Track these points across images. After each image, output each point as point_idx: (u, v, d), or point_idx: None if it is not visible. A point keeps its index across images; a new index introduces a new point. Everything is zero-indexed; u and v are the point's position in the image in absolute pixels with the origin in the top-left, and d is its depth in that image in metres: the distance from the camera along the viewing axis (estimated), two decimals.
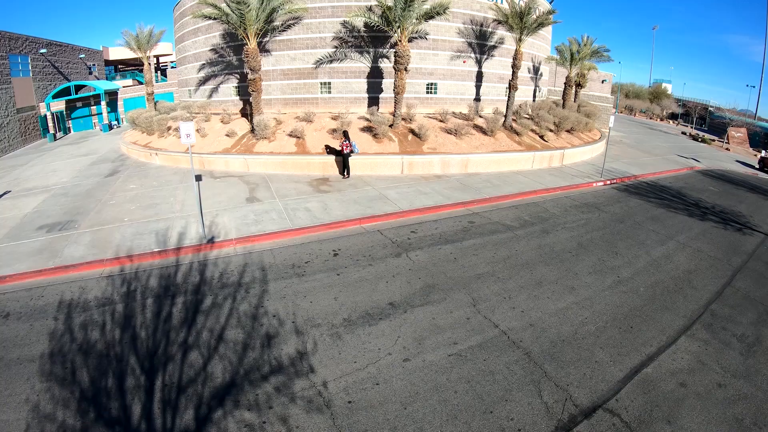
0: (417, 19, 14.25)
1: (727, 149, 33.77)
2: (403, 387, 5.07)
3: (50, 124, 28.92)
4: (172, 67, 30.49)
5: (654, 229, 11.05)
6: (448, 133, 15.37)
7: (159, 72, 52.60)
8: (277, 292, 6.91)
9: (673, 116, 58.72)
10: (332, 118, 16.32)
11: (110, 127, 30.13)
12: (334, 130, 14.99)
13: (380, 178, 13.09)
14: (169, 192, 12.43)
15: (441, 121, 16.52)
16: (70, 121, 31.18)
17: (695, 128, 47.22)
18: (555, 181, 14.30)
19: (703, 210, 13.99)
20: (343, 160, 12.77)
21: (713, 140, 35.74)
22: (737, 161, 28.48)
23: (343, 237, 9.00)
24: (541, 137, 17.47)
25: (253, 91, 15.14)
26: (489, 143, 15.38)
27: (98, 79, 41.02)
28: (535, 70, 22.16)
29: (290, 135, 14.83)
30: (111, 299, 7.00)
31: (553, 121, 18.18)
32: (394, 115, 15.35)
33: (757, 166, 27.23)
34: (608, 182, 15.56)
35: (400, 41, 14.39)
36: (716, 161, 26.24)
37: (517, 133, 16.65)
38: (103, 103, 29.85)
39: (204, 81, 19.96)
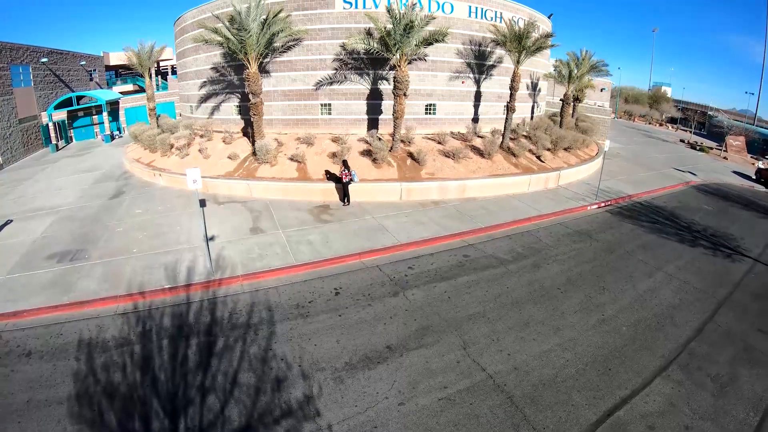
0: (417, 45, 14.94)
1: (725, 158, 34.54)
2: (398, 430, 5.80)
3: (52, 135, 29.66)
4: (174, 78, 31.07)
5: (643, 258, 11.77)
6: (446, 156, 16.09)
7: (160, 76, 53.48)
8: (284, 335, 7.63)
9: (672, 120, 59.62)
10: (332, 140, 17.05)
11: (112, 138, 30.86)
12: (334, 154, 15.71)
13: (379, 205, 13.82)
14: (175, 219, 13.16)
15: (439, 143, 17.24)
16: (72, 131, 32.02)
17: (694, 132, 48.25)
18: (550, 205, 15.03)
19: (695, 234, 14.71)
20: (343, 188, 13.50)
21: (711, 148, 36.53)
22: (734, 172, 29.24)
23: (344, 273, 9.73)
24: (538, 158, 18.18)
25: (254, 114, 15.85)
26: (486, 166, 16.10)
27: (99, 85, 41.85)
28: (533, 86, 22.86)
29: (291, 159, 15.56)
30: (128, 339, 7.73)
31: (550, 141, 18.89)
32: (393, 139, 16.08)
33: (754, 177, 28.00)
34: (602, 204, 16.28)
35: (400, 67, 15.08)
36: (713, 173, 26.95)
37: (514, 155, 17.37)
38: (104, 113, 30.56)
39: (205, 98, 20.66)
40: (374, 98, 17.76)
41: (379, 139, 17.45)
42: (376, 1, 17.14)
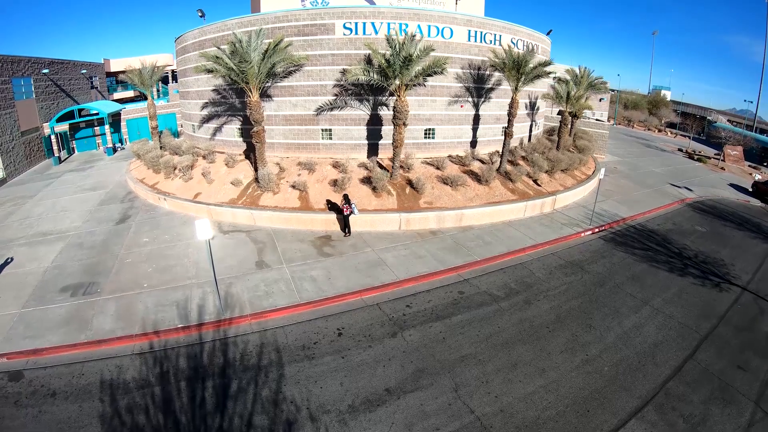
0: (416, 76, 15.82)
1: (722, 168, 35.62)
2: None
3: (55, 147, 30.59)
4: (175, 93, 31.92)
5: (632, 292, 12.71)
6: (444, 183, 17.03)
7: (160, 81, 54.47)
8: (292, 377, 8.58)
9: (671, 125, 60.88)
10: (333, 166, 17.97)
11: (114, 150, 31.81)
12: (335, 182, 16.64)
13: (379, 236, 14.78)
14: (182, 250, 14.09)
15: (437, 168, 18.17)
16: (74, 142, 33.09)
17: (693, 138, 49.81)
18: (544, 233, 15.98)
19: (686, 261, 15.66)
20: (344, 219, 14.43)
21: (709, 158, 37.66)
22: (731, 185, 30.31)
23: (346, 312, 10.68)
24: (535, 181, 19.12)
25: (257, 142, 16.76)
26: (483, 193, 17.04)
27: (100, 92, 42.83)
28: (532, 106, 23.78)
29: (293, 187, 16.49)
30: (148, 381, 8.67)
31: (546, 164, 19.82)
32: (392, 166, 17.02)
33: (750, 190, 28.95)
34: (596, 230, 17.22)
35: (399, 96, 15.99)
36: (709, 188, 27.96)
37: (511, 180, 18.31)
38: (106, 126, 31.43)
39: (207, 119, 21.55)
40: (374, 124, 18.69)
41: (379, 164, 18.40)
42: (376, 27, 18.04)
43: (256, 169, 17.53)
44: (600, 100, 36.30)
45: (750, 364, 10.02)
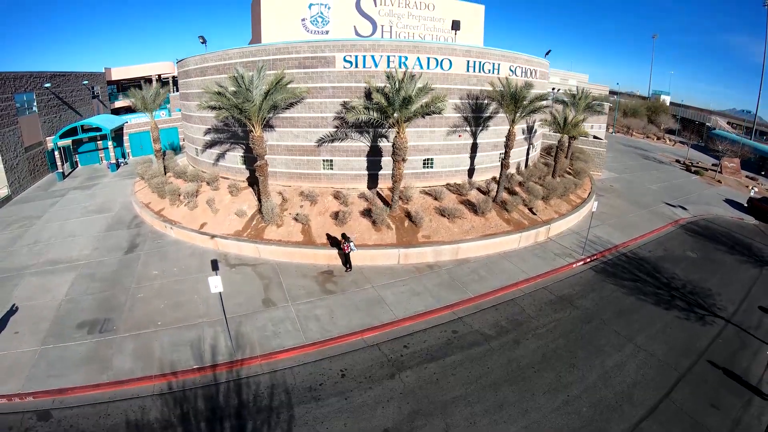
0: (414, 115, 17.07)
1: (719, 181, 37.15)
2: None
3: (58, 161, 31.90)
4: (177, 111, 33.14)
5: (617, 329, 14.00)
6: (442, 215, 18.34)
7: (160, 84, 56.00)
8: (301, 417, 9.93)
9: (670, 131, 62.71)
10: (334, 197, 19.28)
11: (117, 166, 33.22)
12: (336, 214, 17.96)
13: (379, 271, 16.13)
14: (192, 285, 15.40)
15: (435, 198, 19.48)
16: (77, 156, 34.58)
17: (692, 146, 52.01)
18: (537, 265, 17.30)
19: (673, 292, 16.94)
20: (345, 255, 15.74)
21: (706, 170, 39.20)
22: (727, 200, 31.68)
23: (349, 353, 12.03)
24: (531, 210, 20.43)
25: (260, 176, 18.03)
26: (479, 225, 18.35)
27: (102, 102, 44.17)
28: (529, 130, 25.06)
29: (296, 220, 17.81)
30: (171, 422, 10.00)
31: (542, 192, 21.14)
32: (392, 200, 18.34)
33: (746, 205, 30.23)
34: (588, 260, 18.53)
35: (399, 134, 17.25)
36: (704, 206, 29.29)
37: (507, 210, 19.62)
38: (109, 143, 32.70)
39: (210, 145, 22.81)
40: (374, 155, 19.97)
41: (379, 194, 19.70)
42: (376, 60, 19.28)
43: (259, 200, 18.83)
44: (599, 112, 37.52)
45: (723, 402, 11.26)
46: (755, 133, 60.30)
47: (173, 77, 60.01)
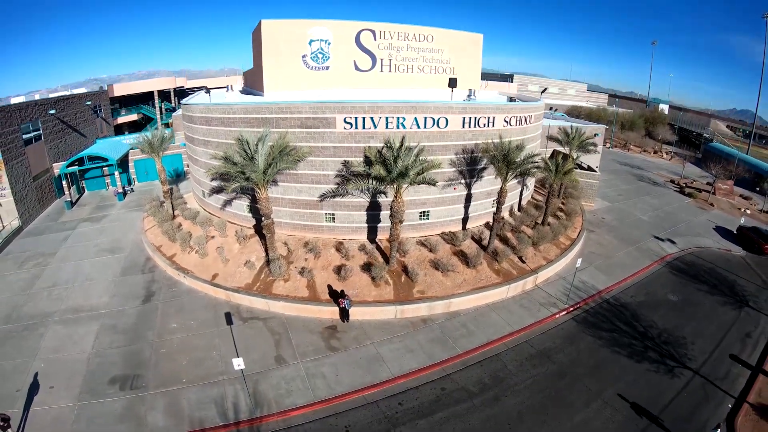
0: (411, 183, 19.79)
1: (711, 204, 40.23)
2: None
3: (66, 189, 34.86)
4: (182, 145, 35.77)
5: (589, 384, 16.86)
6: (436, 268, 21.25)
7: (163, 104, 59.30)
8: None
9: (667, 143, 66.39)
10: (336, 249, 22.18)
11: (124, 195, 36.21)
12: (339, 269, 20.90)
13: (378, 325, 19.16)
14: (209, 341, 18.30)
15: (431, 250, 22.39)
16: (83, 182, 37.57)
17: (687, 158, 56.34)
18: (522, 318, 20.23)
19: (647, 342, 19.72)
20: (342, 309, 18.76)
21: (700, 191, 42.13)
22: (717, 228, 34.65)
23: (351, 410, 15.00)
24: (520, 258, 23.32)
25: (267, 233, 20.88)
26: (471, 278, 21.23)
27: (104, 119, 46.94)
28: (522, 173, 27.72)
29: (301, 274, 20.74)
30: None
31: (532, 240, 23.99)
32: (390, 255, 21.21)
33: (735, 232, 33.11)
34: (571, 309, 21.42)
35: (396, 198, 20.02)
36: (693, 237, 32.24)
37: (498, 260, 22.47)
38: (116, 172, 35.51)
39: (217, 190, 25.62)
40: (373, 209, 22.82)
41: (378, 246, 22.59)
42: (375, 121, 22.02)
43: (266, 252, 21.73)
44: (595, 134, 40.11)
45: None
46: (755, 136, 63.39)
47: (174, 89, 62.95)
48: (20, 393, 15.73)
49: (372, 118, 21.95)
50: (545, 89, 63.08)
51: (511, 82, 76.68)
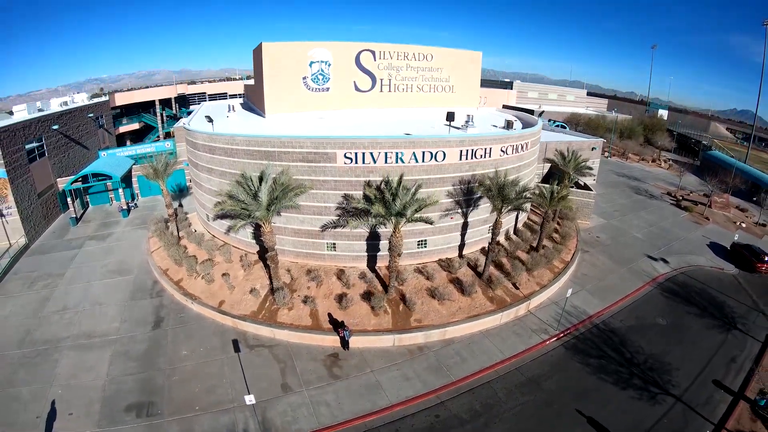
0: (408, 221, 21.58)
1: (707, 218, 42.06)
2: None
3: (70, 204, 36.74)
4: (186, 165, 37.51)
5: (573, 411, 18.64)
6: (432, 297, 23.12)
7: (163, 111, 61.34)
8: None
9: (666, 149, 69.03)
10: (338, 277, 24.05)
11: (128, 211, 38.12)
12: (340, 298, 22.77)
13: (377, 353, 21.07)
14: (218, 368, 20.17)
15: (428, 278, 24.25)
16: (87, 196, 39.63)
17: (685, 166, 59.10)
18: (513, 345, 22.09)
19: (633, 369, 21.43)
20: (342, 338, 20.67)
21: (696, 204, 44.06)
22: (711, 244, 36.32)
23: None
24: (514, 284, 25.17)
25: (271, 264, 22.70)
26: (465, 305, 23.10)
27: (106, 130, 48.74)
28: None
29: (304, 302, 22.61)
30: None
31: (528, 262, 25.80)
32: (388, 284, 23.14)
33: (729, 248, 34.96)
34: (561, 335, 23.26)
35: (394, 233, 21.82)
36: (687, 255, 33.92)
37: (492, 287, 24.32)
38: (120, 190, 37.24)
39: (221, 216, 27.38)
40: (373, 239, 24.67)
41: (377, 274, 24.45)
42: (374, 156, 23.80)
43: (271, 280, 23.59)
44: (592, 149, 41.82)
45: None
46: (754, 139, 65.32)
47: (175, 97, 64.82)
48: (40, 419, 17.51)
49: (372, 153, 23.70)
50: (542, 112, 65.01)
51: (511, 89, 78.38)
